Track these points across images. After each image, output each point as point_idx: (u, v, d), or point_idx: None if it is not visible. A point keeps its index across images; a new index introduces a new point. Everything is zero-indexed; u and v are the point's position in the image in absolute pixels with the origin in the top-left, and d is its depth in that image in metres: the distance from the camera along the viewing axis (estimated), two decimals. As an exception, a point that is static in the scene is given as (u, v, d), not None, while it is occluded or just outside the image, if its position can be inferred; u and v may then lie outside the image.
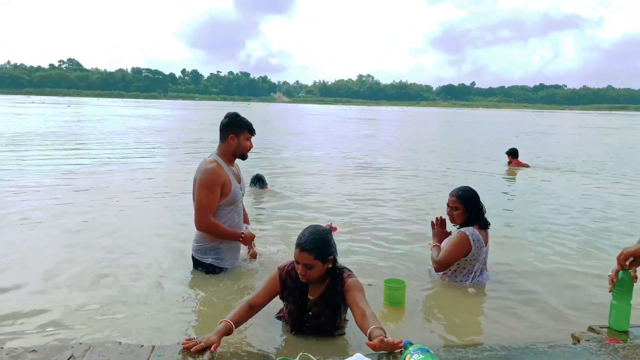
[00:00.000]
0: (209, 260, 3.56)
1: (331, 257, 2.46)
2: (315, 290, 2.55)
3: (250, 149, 3.59)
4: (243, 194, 3.70)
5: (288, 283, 2.57)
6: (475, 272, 3.51)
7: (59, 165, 9.40)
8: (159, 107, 63.22)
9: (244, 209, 3.91)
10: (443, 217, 3.75)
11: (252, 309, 2.48)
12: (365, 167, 10.69)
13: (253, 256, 3.84)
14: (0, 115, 29.15)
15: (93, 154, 11.42)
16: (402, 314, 3.14)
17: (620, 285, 2.29)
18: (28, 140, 14.34)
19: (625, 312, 2.33)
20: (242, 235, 3.56)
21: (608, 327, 2.38)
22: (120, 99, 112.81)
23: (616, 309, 2.34)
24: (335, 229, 2.59)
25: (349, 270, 2.57)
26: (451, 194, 3.58)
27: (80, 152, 12.02)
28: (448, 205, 3.58)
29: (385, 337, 1.94)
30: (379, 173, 9.80)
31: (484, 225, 3.53)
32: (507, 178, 9.78)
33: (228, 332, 2.28)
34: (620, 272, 2.28)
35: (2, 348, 2.04)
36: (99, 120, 26.58)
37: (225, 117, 3.55)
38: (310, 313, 2.57)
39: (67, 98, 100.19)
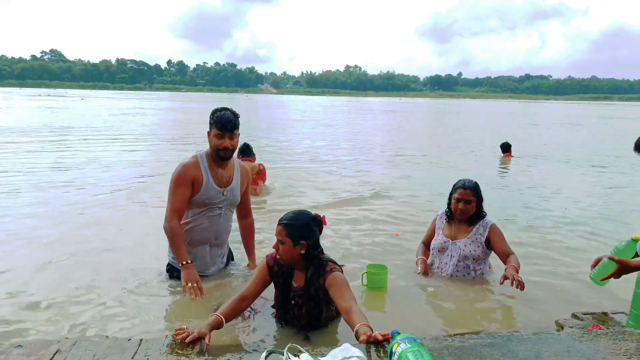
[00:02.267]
0: (169, 258, 3.35)
1: (303, 242, 2.44)
2: (299, 278, 2.56)
3: (223, 148, 3.10)
4: (227, 201, 3.27)
5: (275, 269, 2.59)
6: None
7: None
8: (166, 99, 63.08)
9: (249, 223, 3.56)
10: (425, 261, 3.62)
11: (243, 301, 2.48)
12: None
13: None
14: (33, 109, 28.62)
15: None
16: (384, 300, 3.17)
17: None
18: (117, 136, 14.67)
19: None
20: (186, 263, 2.96)
21: (592, 313, 2.43)
22: (135, 92, 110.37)
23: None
24: (324, 221, 2.58)
25: (334, 263, 2.52)
26: (464, 187, 3.38)
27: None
28: (461, 198, 3.37)
29: (373, 333, 1.92)
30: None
31: (485, 215, 3.49)
32: (501, 169, 9.96)
33: (218, 325, 2.28)
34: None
35: (-13, 344, 2.01)
36: (133, 115, 26.58)
37: None
38: (292, 302, 2.58)
39: (65, 90, 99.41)
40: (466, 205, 3.37)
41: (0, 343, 2.04)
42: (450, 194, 3.49)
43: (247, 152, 6.56)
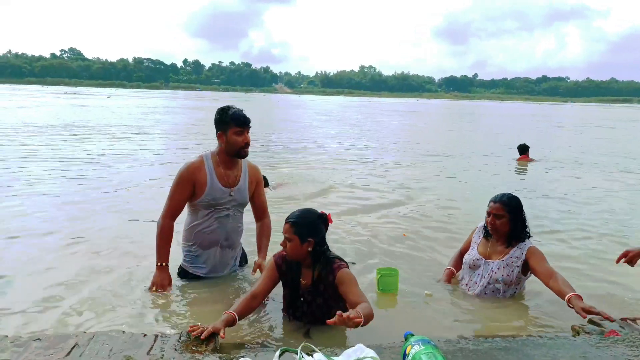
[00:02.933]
0: (182, 259, 3.33)
1: (310, 239, 2.49)
2: (307, 275, 2.59)
3: (244, 144, 3.08)
4: (234, 201, 3.21)
5: (283, 268, 2.63)
6: None
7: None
8: (185, 98, 63.42)
9: (266, 224, 3.44)
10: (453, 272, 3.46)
11: (254, 299, 2.52)
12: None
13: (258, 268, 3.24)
14: (66, 107, 28.95)
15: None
16: (396, 302, 3.17)
17: None
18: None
19: None
20: (161, 265, 3.11)
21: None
22: (154, 91, 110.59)
23: None
24: (330, 219, 2.61)
25: (340, 260, 2.57)
26: (494, 200, 3.15)
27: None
28: (491, 212, 3.13)
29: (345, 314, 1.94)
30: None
31: (529, 236, 3.20)
32: (518, 171, 9.88)
33: (231, 323, 2.32)
34: None
35: (7, 337, 2.06)
36: (162, 113, 26.99)
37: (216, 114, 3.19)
38: (302, 299, 2.62)
39: (87, 88, 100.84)
40: (496, 220, 3.11)
41: (19, 336, 2.08)
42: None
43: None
